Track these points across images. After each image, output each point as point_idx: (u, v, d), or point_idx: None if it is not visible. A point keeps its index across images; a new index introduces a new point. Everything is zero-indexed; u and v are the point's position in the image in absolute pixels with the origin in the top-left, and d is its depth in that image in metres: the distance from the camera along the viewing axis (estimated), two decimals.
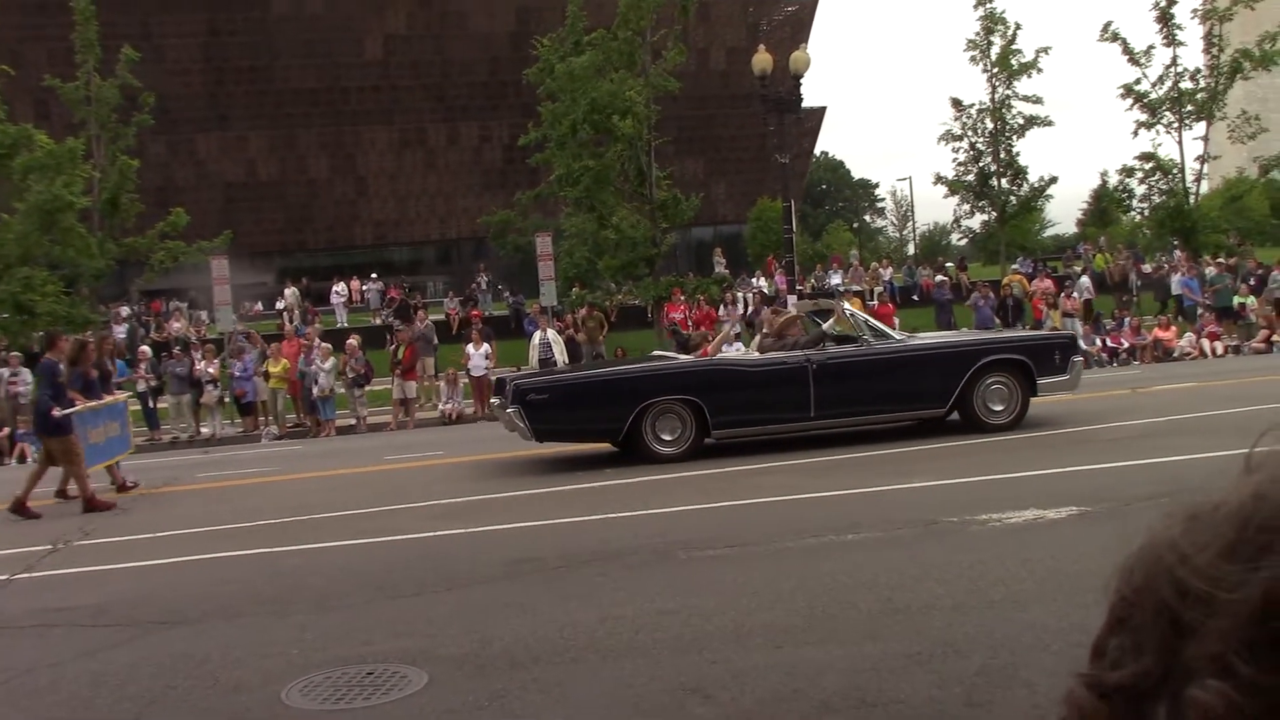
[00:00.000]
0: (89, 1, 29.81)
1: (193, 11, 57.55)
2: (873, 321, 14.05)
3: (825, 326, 12.97)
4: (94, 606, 6.99)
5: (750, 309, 29.47)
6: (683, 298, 27.78)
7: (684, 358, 13.44)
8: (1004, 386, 12.71)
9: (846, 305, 14.97)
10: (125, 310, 33.81)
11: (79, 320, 26.79)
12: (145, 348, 25.31)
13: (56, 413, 11.92)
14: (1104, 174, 50.99)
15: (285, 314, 36.99)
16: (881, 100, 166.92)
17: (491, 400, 16.27)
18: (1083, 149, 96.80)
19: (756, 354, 13.07)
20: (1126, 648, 0.66)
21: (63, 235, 26.55)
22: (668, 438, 12.14)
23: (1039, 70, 32.51)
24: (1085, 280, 30.58)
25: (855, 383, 12.47)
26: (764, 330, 14.35)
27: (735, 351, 14.36)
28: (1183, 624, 0.62)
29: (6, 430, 21.33)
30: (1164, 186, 33.34)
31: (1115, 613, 0.70)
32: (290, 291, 40.34)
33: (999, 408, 12.65)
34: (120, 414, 14.53)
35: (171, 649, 5.91)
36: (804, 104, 27.89)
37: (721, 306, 28.53)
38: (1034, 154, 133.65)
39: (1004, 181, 33.78)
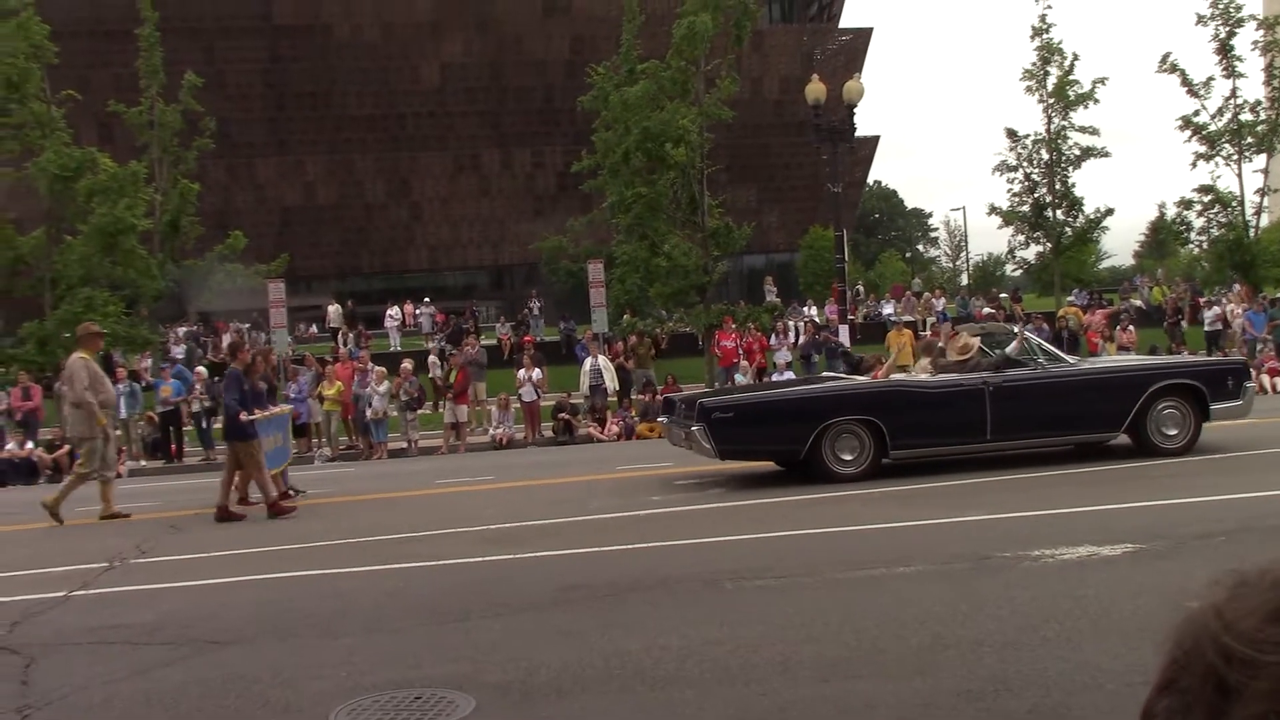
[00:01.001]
0: (154, 29, 30.41)
1: (254, 38, 58.61)
2: (1047, 345, 14.12)
3: (1009, 350, 13.07)
4: (148, 624, 7.07)
5: (802, 337, 29.37)
6: (734, 326, 27.75)
7: (860, 379, 13.54)
8: (1177, 411, 12.74)
9: (1016, 328, 15.03)
10: (183, 330, 34.31)
11: (139, 341, 27.26)
12: (202, 368, 25.67)
13: (244, 418, 12.60)
14: (1161, 206, 50.59)
15: (339, 336, 37.38)
16: (936, 130, 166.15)
17: (659, 419, 16.43)
18: (1140, 181, 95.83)
19: (934, 375, 13.09)
20: (1175, 709, 0.66)
21: (124, 257, 27.01)
22: (847, 457, 12.27)
23: (1096, 101, 32.25)
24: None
25: (1031, 406, 12.57)
26: (932, 351, 14.31)
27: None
28: (1228, 687, 0.62)
29: (66, 448, 21.68)
30: (1223, 219, 32.91)
31: (1165, 675, 0.70)
32: (334, 309, 40.76)
33: (1173, 432, 12.70)
34: (283, 426, 14.95)
35: (223, 668, 5.97)
36: (857, 133, 27.80)
37: (773, 335, 28.46)
38: (1090, 185, 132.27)
39: (1059, 213, 33.50)
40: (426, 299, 44.57)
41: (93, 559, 9.99)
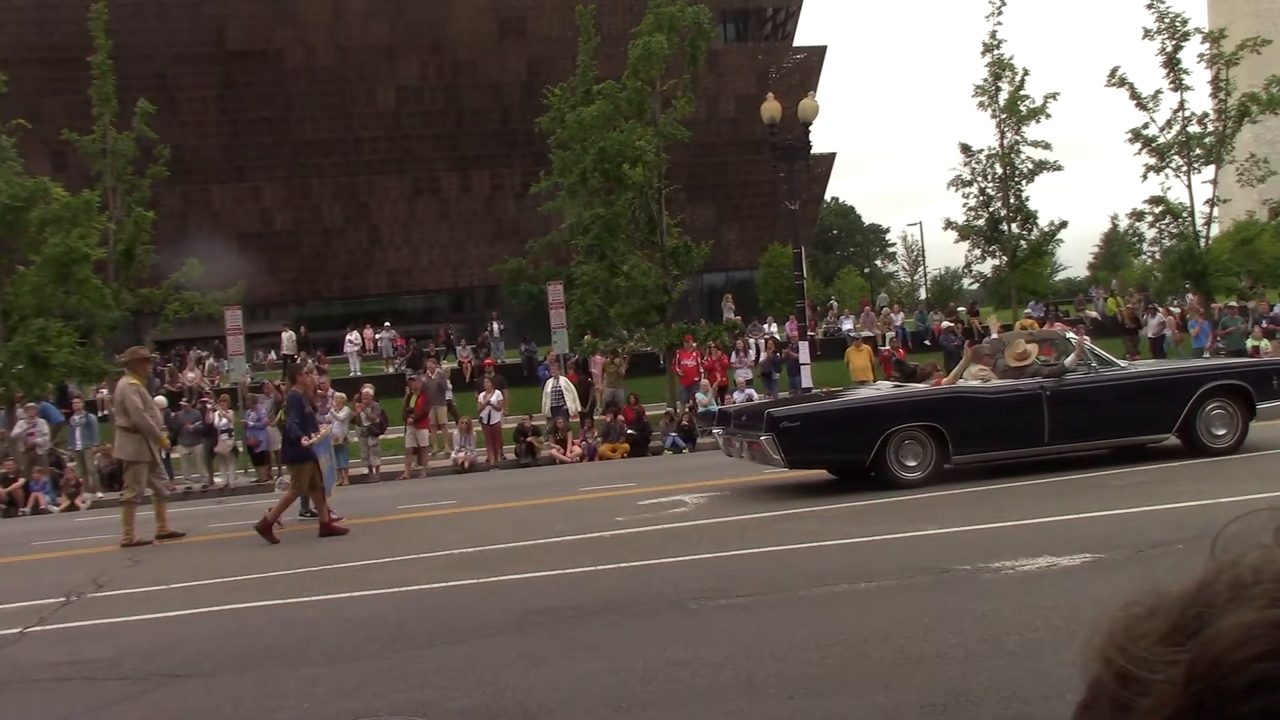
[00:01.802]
0: (106, 55, 30.17)
1: (207, 64, 58.32)
2: (1099, 350, 14.28)
3: (1067, 361, 13.20)
4: (107, 660, 6.99)
5: (763, 355, 29.47)
6: (695, 345, 27.81)
7: (921, 386, 13.64)
8: (1225, 411, 13.05)
9: (1071, 334, 15.20)
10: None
11: (94, 371, 26.92)
12: (160, 398, 25.41)
13: (305, 441, 12.87)
14: (1114, 218, 51.15)
15: (289, 363, 37.18)
16: (891, 146, 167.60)
17: (714, 430, 16.44)
18: (1093, 193, 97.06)
19: (994, 382, 13.25)
20: None
21: (78, 287, 26.70)
22: (911, 463, 12.43)
23: (1047, 116, 32.61)
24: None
25: (1087, 409, 12.84)
26: (981, 358, 14.41)
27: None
28: (1126, 708, 0.65)
29: (21, 481, 21.41)
30: (1174, 230, 33.31)
31: (1082, 701, 0.73)
32: (287, 335, 40.52)
33: (1221, 432, 13.01)
34: (328, 447, 14.94)
35: (184, 702, 5.91)
36: (813, 150, 27.96)
37: (734, 353, 28.54)
38: (1044, 198, 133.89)
39: (1014, 226, 33.79)
40: (387, 323, 44.38)
41: (49, 594, 9.85)
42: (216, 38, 58.69)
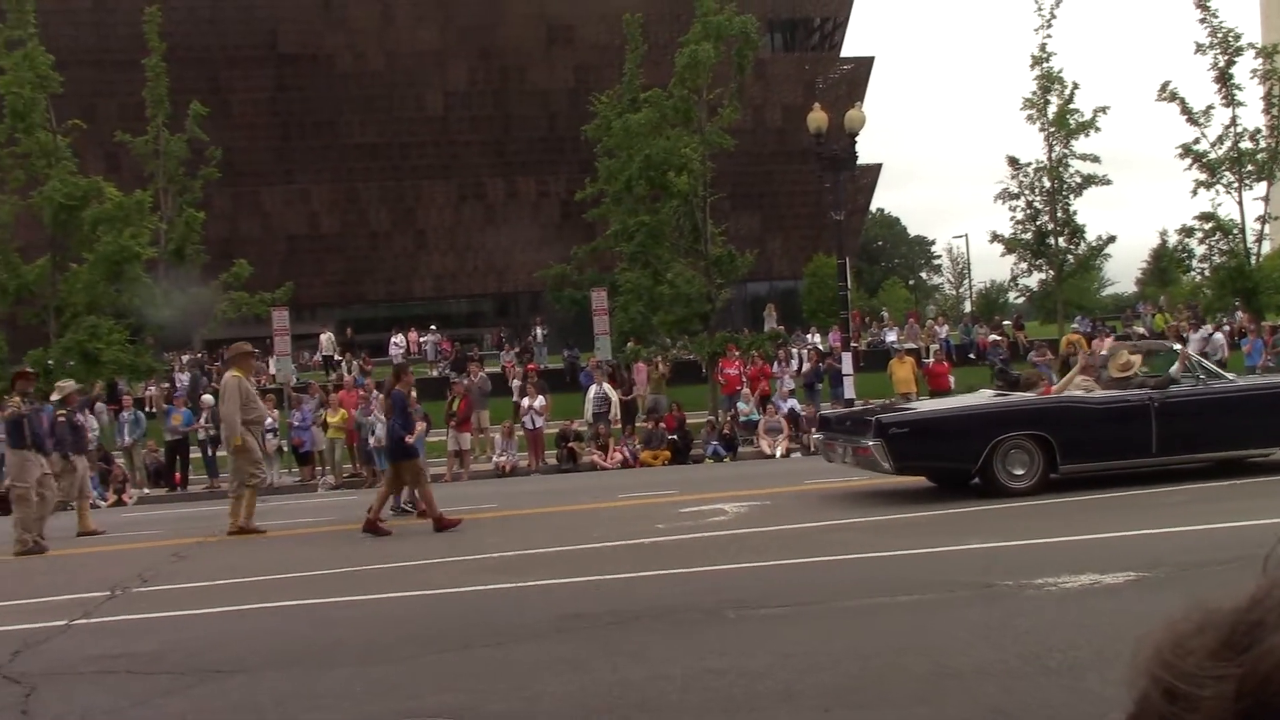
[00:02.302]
0: (160, 58, 30.59)
1: (260, 67, 58.95)
2: (1206, 363, 14.25)
3: (1172, 371, 13.22)
4: (150, 654, 7.06)
5: (805, 365, 29.37)
6: (737, 354, 27.76)
7: (1027, 395, 13.63)
8: None
9: (1178, 346, 15.16)
10: (186, 358, 34.36)
11: (143, 368, 27.28)
12: (207, 396, 25.69)
13: (409, 439, 13.31)
14: (1163, 233, 50.47)
15: (329, 364, 37.48)
16: (938, 158, 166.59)
17: (814, 435, 16.50)
18: (1142, 208, 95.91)
19: (1100, 392, 13.22)
20: None
21: (129, 285, 27.06)
22: (1019, 472, 12.41)
23: (1097, 129, 32.30)
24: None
25: (1195, 422, 12.78)
26: (1089, 369, 14.40)
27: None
28: None
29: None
30: (1224, 247, 32.90)
31: (1129, 716, 0.72)
32: (326, 337, 40.81)
33: None
34: (423, 445, 15.31)
35: (225, 698, 5.96)
36: (859, 161, 27.90)
37: (776, 363, 28.46)
38: (1092, 213, 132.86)
39: (1061, 240, 33.48)
40: (433, 326, 44.63)
41: (95, 588, 9.98)
42: (268, 41, 59.36)
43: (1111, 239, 34.10)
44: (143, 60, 31.10)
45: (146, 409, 27.57)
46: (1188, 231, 33.61)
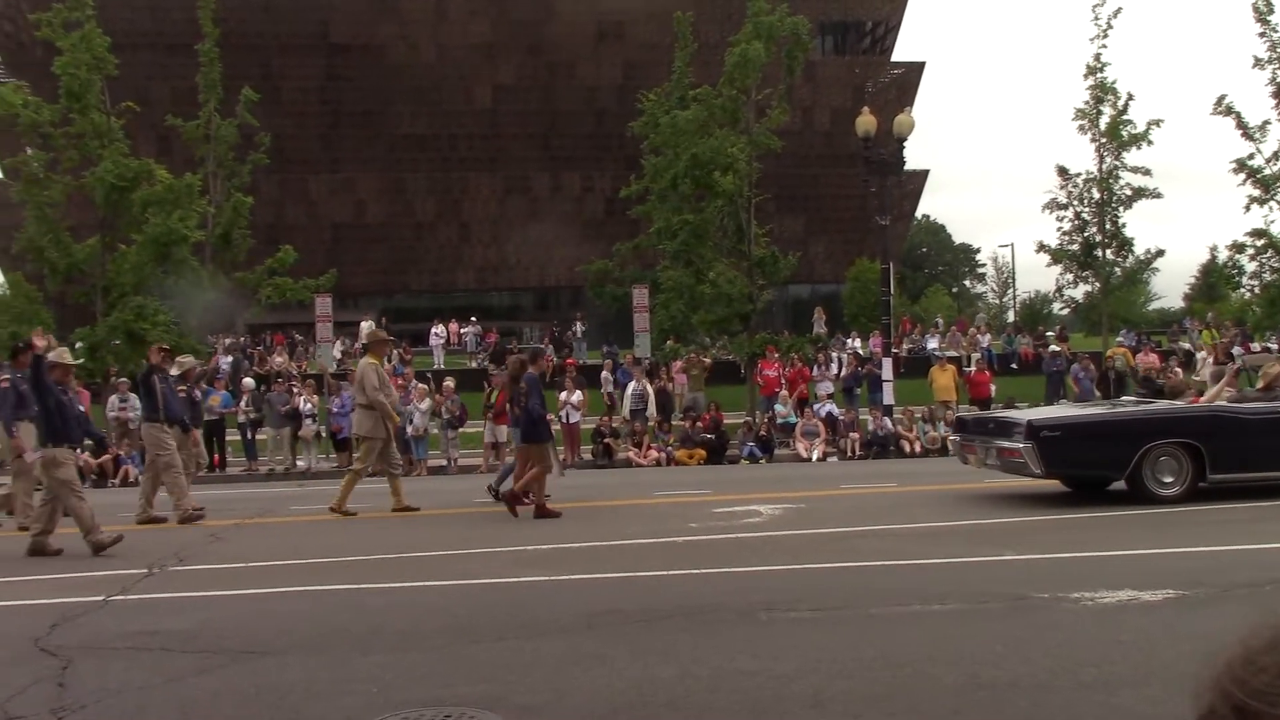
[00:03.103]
0: (213, 44, 30.87)
1: (311, 56, 59.40)
2: None
3: None
4: (184, 632, 7.13)
5: (844, 369, 29.26)
6: (777, 355, 27.69)
7: (1176, 403, 13.59)
8: None
9: None
10: (228, 341, 34.66)
11: (186, 350, 27.54)
12: (248, 380, 25.93)
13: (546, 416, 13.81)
14: (1213, 249, 49.86)
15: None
16: (986, 166, 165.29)
17: (951, 437, 16.51)
18: (1192, 222, 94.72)
19: (1252, 402, 13.17)
20: None
21: (175, 267, 27.36)
22: (1168, 480, 12.42)
23: (1149, 142, 31.91)
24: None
25: None
26: (1225, 379, 14.35)
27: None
28: None
29: (114, 452, 21.94)
30: (1276, 264, 32.41)
31: None
32: (365, 325, 41.00)
33: None
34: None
35: (256, 679, 6.01)
36: (906, 167, 27.74)
37: (815, 366, 28.37)
38: (1141, 225, 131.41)
39: (1109, 252, 33.12)
40: (473, 318, 44.82)
41: (133, 564, 10.10)
42: (321, 30, 59.81)
43: (1160, 253, 33.69)
44: (196, 45, 31.40)
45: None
46: (1239, 247, 33.10)
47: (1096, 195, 32.91)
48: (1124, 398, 16.87)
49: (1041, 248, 34.30)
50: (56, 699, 5.71)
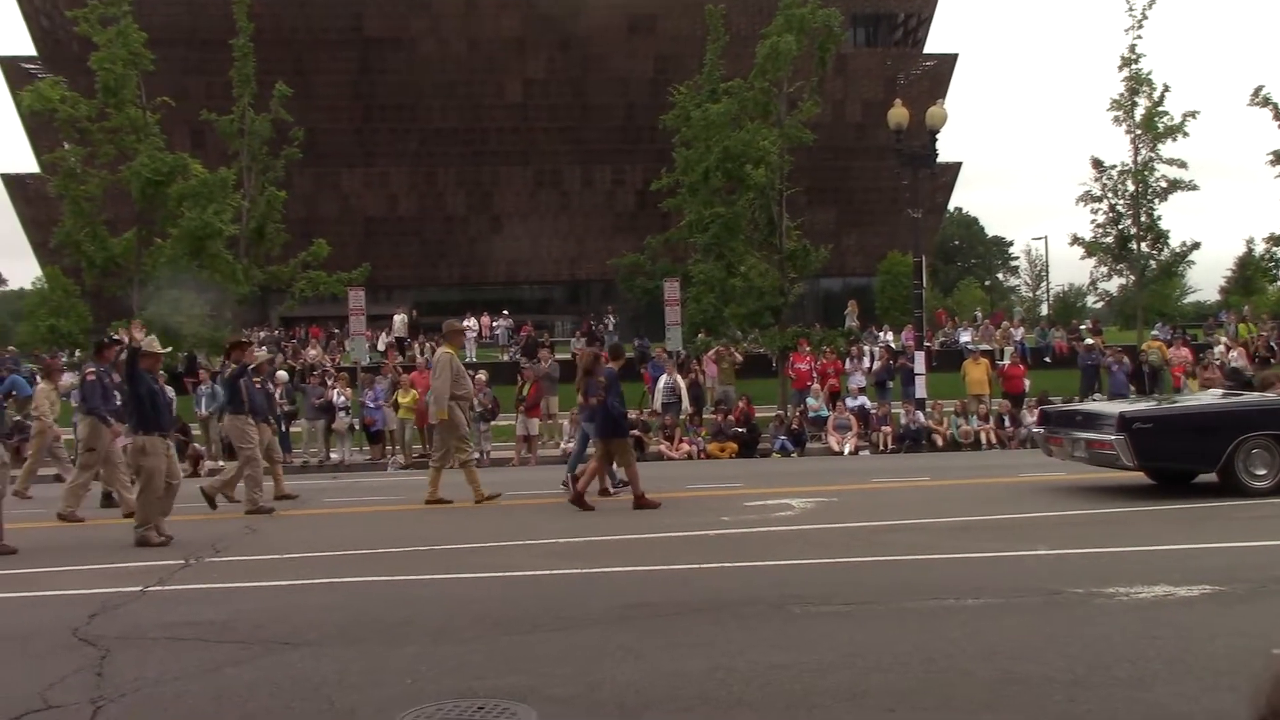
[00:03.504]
0: (247, 39, 31.06)
1: (344, 50, 59.63)
2: None
3: None
4: (220, 623, 7.20)
5: (876, 363, 29.15)
6: (809, 349, 27.62)
7: (1269, 395, 13.53)
8: None
9: None
10: (263, 334, 34.89)
11: (221, 343, 27.78)
12: (282, 373, 26.08)
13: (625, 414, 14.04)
14: (1249, 241, 49.33)
15: (401, 345, 37.82)
16: (1019, 158, 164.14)
17: (1035, 430, 16.51)
18: (1228, 215, 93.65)
19: None
20: None
21: (210, 261, 27.57)
22: (1261, 472, 12.41)
23: (1185, 134, 31.59)
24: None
25: None
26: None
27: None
28: None
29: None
30: None
31: None
32: (399, 318, 41.20)
33: None
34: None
35: (291, 669, 6.05)
36: (939, 159, 27.58)
37: (848, 359, 28.28)
38: (1177, 218, 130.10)
39: (1144, 245, 32.84)
40: (504, 311, 44.92)
41: (169, 555, 10.20)
42: (353, 24, 60.05)
43: (1195, 245, 33.35)
44: (230, 40, 31.59)
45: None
46: (1275, 240, 32.77)
47: (1131, 187, 32.63)
48: (1211, 390, 16.68)
49: (1075, 240, 34.06)
50: (95, 688, 5.77)
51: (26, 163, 55.45)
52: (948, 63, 64.59)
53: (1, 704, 5.48)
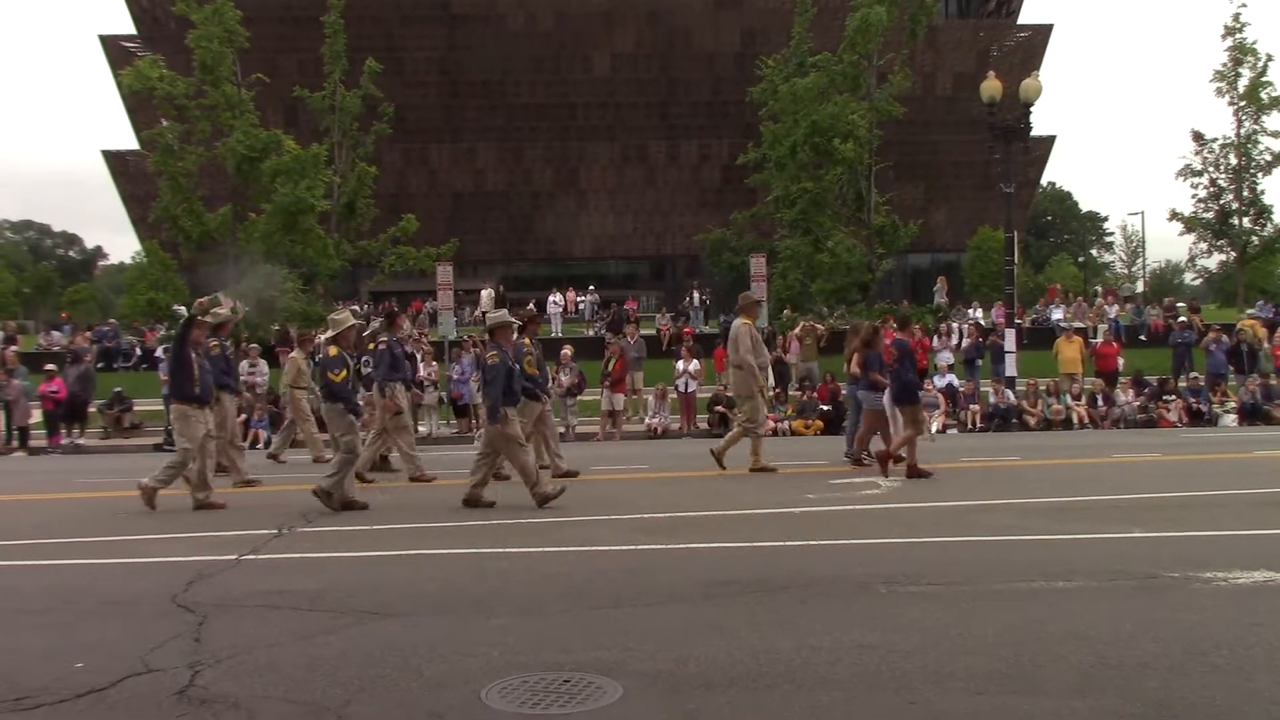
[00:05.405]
0: (338, 16, 31.44)
1: (432, 26, 60.07)
2: None
3: None
4: (312, 592, 7.34)
5: (965, 341, 28.74)
6: (895, 325, 27.28)
7: None
8: None
9: None
10: (353, 308, 35.40)
11: (314, 317, 28.28)
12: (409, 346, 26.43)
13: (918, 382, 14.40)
14: None
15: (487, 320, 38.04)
16: (1116, 130, 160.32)
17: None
18: None
19: None
20: None
21: (302, 236, 28.04)
22: None
23: None
24: None
25: None
26: None
27: None
28: None
29: (244, 417, 22.61)
30: None
31: None
32: (486, 293, 41.46)
33: None
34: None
35: (381, 639, 6.16)
36: (1032, 133, 27.03)
37: (936, 337, 27.92)
38: None
39: (1246, 220, 31.95)
40: (591, 287, 45.05)
41: (263, 525, 10.42)
42: (442, 1, 60.41)
43: None
44: (322, 18, 32.00)
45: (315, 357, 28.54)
46: None
47: (1234, 161, 31.81)
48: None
49: (1174, 216, 33.29)
50: (193, 653, 5.93)
51: (127, 140, 56.70)
52: (1042, 34, 63.17)
53: (106, 667, 5.66)
